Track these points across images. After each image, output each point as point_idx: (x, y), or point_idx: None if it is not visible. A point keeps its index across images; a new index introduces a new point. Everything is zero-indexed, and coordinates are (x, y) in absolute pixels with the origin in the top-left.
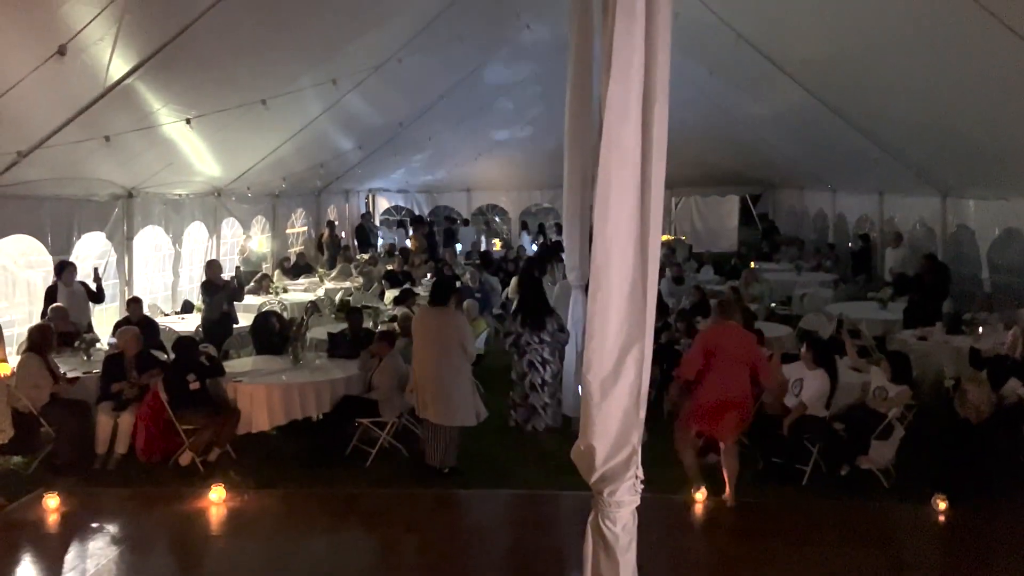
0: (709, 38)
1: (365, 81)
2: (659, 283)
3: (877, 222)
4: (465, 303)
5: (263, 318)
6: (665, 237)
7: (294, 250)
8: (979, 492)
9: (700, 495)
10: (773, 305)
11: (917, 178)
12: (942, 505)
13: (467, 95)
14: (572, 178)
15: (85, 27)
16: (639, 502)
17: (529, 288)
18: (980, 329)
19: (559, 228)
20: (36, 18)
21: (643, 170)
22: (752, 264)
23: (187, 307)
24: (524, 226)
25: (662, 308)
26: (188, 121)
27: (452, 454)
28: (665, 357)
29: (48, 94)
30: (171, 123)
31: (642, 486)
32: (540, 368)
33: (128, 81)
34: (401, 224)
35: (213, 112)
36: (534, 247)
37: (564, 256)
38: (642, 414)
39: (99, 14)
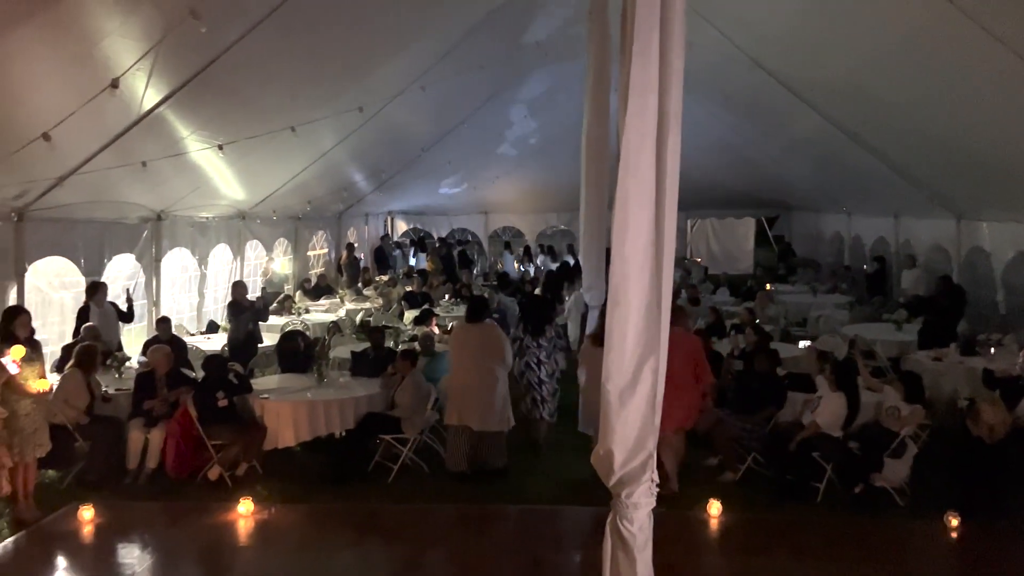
0: (724, 65)
1: (389, 107)
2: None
3: (893, 244)
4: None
5: (289, 337)
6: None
7: (315, 271)
8: (993, 510)
9: (715, 510)
10: (788, 327)
11: (931, 201)
12: (955, 522)
13: (485, 120)
14: (589, 202)
15: (137, 62)
16: (655, 504)
17: (531, 303)
18: (993, 350)
19: (551, 250)
20: (79, 52)
21: (658, 195)
22: (768, 286)
23: (212, 327)
24: (507, 246)
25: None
26: (220, 147)
27: (502, 455)
28: None
29: (84, 122)
30: (204, 149)
31: (657, 489)
32: (535, 367)
33: (160, 110)
34: (416, 244)
35: (244, 139)
36: (522, 268)
37: (582, 277)
38: (657, 420)
39: (147, 53)
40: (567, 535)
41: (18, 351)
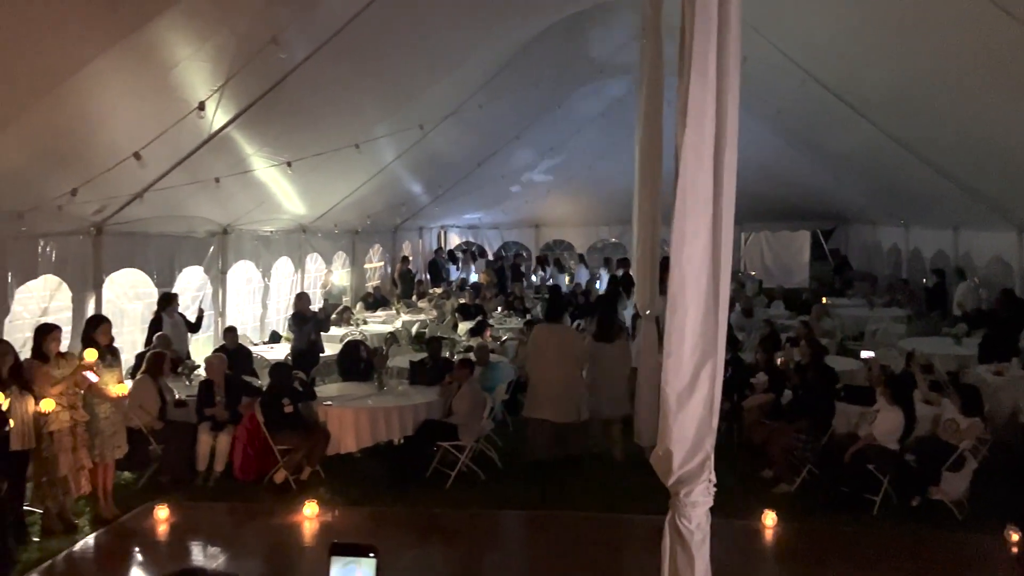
0: (777, 77)
1: (446, 123)
2: (729, 316)
3: (952, 257)
4: None
5: (351, 347)
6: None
7: (371, 284)
8: None
9: (770, 521)
10: (844, 341)
11: (992, 213)
12: (1015, 537)
13: (539, 135)
14: (643, 216)
15: (222, 86)
16: (712, 503)
17: (600, 306)
18: None
19: (557, 262)
20: (161, 76)
21: (715, 206)
22: (823, 299)
23: (275, 337)
24: (556, 262)
25: (731, 342)
26: (289, 164)
27: (579, 445)
28: (736, 388)
29: (159, 142)
30: (272, 166)
31: (715, 488)
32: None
33: (228, 128)
34: (468, 253)
35: (310, 155)
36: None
37: (635, 289)
38: (715, 423)
39: (232, 76)
40: (623, 541)
41: (91, 353)
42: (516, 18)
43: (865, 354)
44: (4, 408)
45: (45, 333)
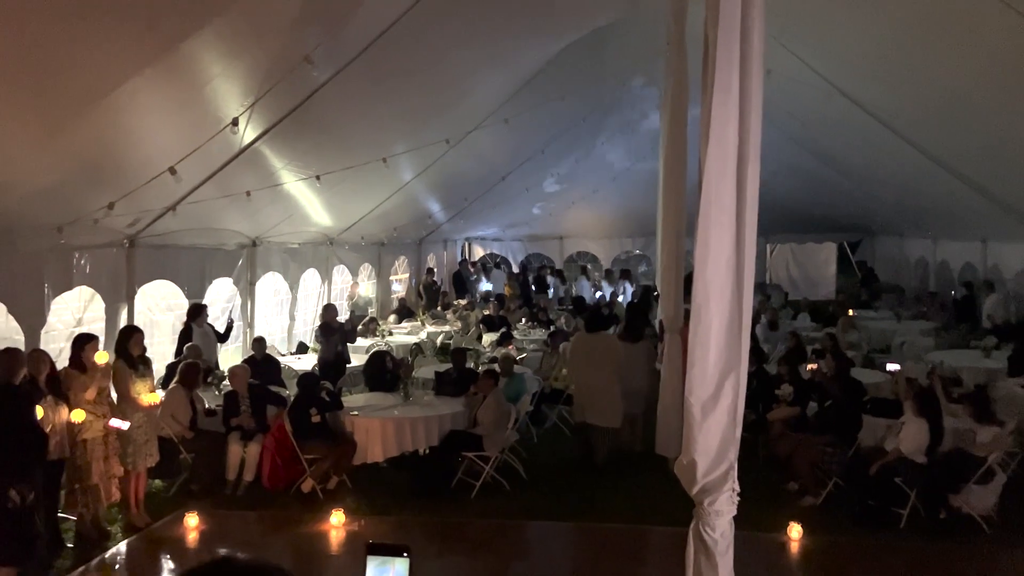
0: (802, 90)
1: (472, 137)
2: (754, 328)
3: (981, 269)
4: (562, 345)
5: (377, 358)
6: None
7: (396, 296)
8: None
9: (796, 533)
10: (871, 353)
11: (1021, 224)
12: None
13: (564, 147)
14: (667, 229)
15: (255, 102)
16: (735, 512)
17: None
18: None
19: (560, 273)
20: (194, 93)
21: (738, 218)
22: (850, 311)
23: (302, 348)
24: (583, 271)
25: (756, 354)
26: (318, 178)
27: (605, 450)
28: (761, 400)
29: (190, 156)
30: (302, 179)
31: (738, 498)
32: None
33: (258, 143)
34: (497, 267)
35: (339, 169)
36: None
37: (660, 301)
38: (738, 433)
39: (265, 93)
40: (647, 552)
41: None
42: (541, 34)
43: (891, 366)
44: (40, 417)
45: (84, 343)
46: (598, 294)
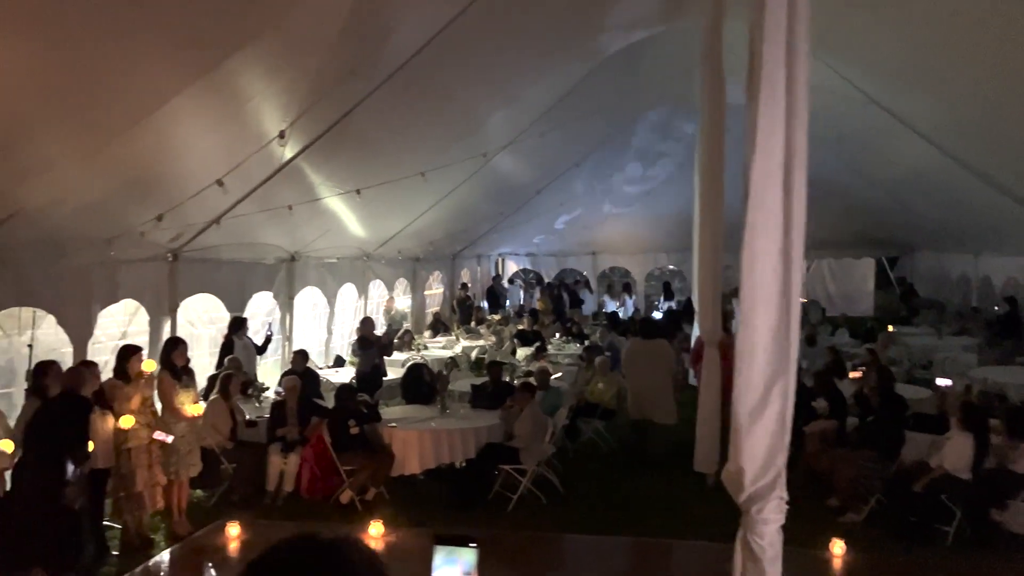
0: (838, 101)
1: (507, 152)
2: None
3: None
4: (598, 359)
5: (414, 370)
6: None
7: (430, 311)
8: None
9: (838, 550)
10: (912, 369)
11: None
12: None
13: (598, 162)
14: (704, 243)
15: (301, 116)
16: (784, 520)
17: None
18: None
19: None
20: (232, 112)
21: (785, 227)
22: (889, 327)
23: (339, 362)
24: (609, 288)
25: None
26: (358, 192)
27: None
28: (798, 414)
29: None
30: (343, 193)
31: (787, 506)
32: None
33: (297, 159)
34: (530, 286)
35: (377, 184)
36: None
37: (697, 315)
38: (787, 440)
39: (309, 108)
40: (685, 567)
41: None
42: (577, 49)
43: (941, 382)
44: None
45: (128, 354)
46: (609, 308)
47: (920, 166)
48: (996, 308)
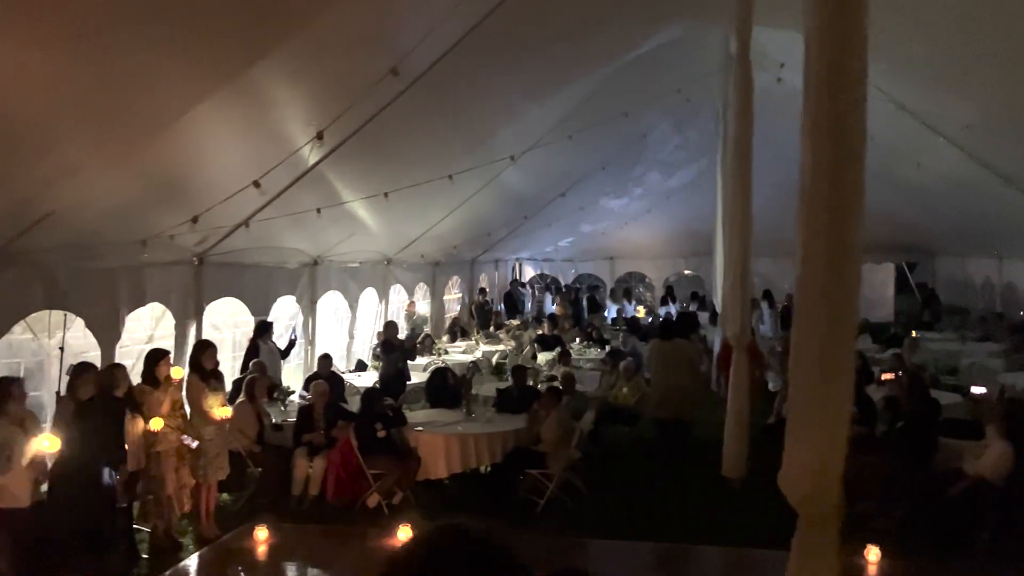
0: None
1: (529, 156)
2: None
3: None
4: (622, 364)
5: (439, 374)
6: None
7: (449, 315)
8: None
9: (873, 556)
10: (938, 375)
11: None
12: None
13: (620, 165)
14: (733, 247)
15: (341, 115)
16: (840, 524)
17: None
18: None
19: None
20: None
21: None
22: (913, 333)
23: (361, 366)
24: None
25: None
26: (386, 195)
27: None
28: None
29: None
30: (370, 196)
31: (845, 510)
32: None
33: (322, 164)
34: (541, 291)
35: (405, 187)
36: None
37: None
38: (843, 442)
39: (348, 108)
40: (712, 573)
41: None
42: (602, 50)
43: (977, 390)
44: None
45: (157, 359)
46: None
47: (943, 169)
48: (1022, 313)
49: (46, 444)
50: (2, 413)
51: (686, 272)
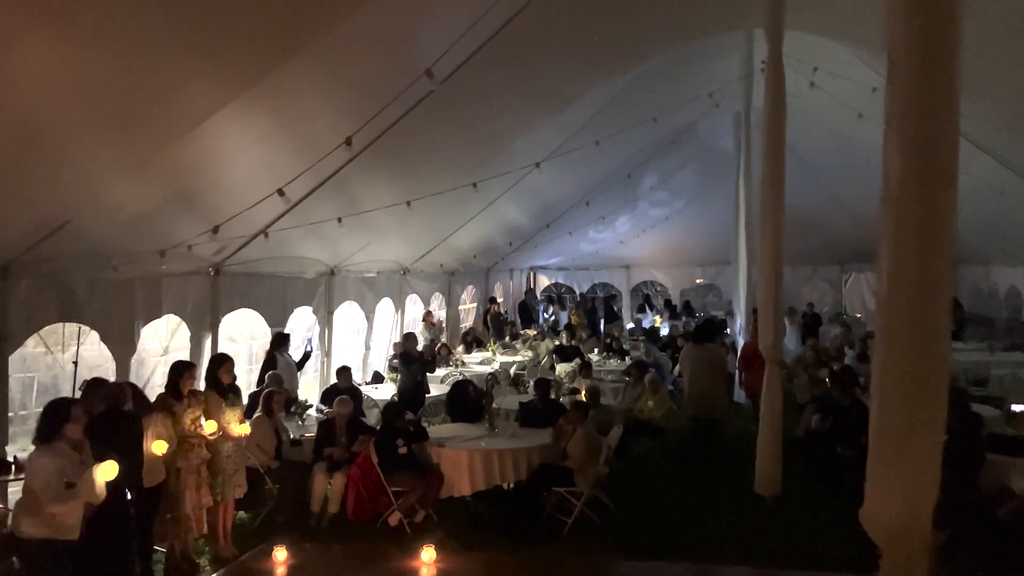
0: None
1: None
2: (843, 361)
3: None
4: (648, 376)
5: (460, 387)
6: None
7: (464, 325)
8: None
9: None
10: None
11: None
12: None
13: (635, 174)
14: (764, 256)
15: (369, 121)
16: (928, 563)
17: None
18: None
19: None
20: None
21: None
22: None
23: (377, 378)
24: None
25: (852, 385)
26: (408, 203)
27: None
28: (863, 432)
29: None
30: (393, 206)
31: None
32: None
33: (344, 172)
34: (551, 301)
35: (428, 195)
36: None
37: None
38: (935, 478)
39: (380, 111)
40: None
41: (211, 426)
42: (625, 56)
43: (1017, 407)
44: None
45: (181, 371)
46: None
47: (969, 172)
48: None
49: (109, 471)
50: (59, 436)
51: (698, 281)
